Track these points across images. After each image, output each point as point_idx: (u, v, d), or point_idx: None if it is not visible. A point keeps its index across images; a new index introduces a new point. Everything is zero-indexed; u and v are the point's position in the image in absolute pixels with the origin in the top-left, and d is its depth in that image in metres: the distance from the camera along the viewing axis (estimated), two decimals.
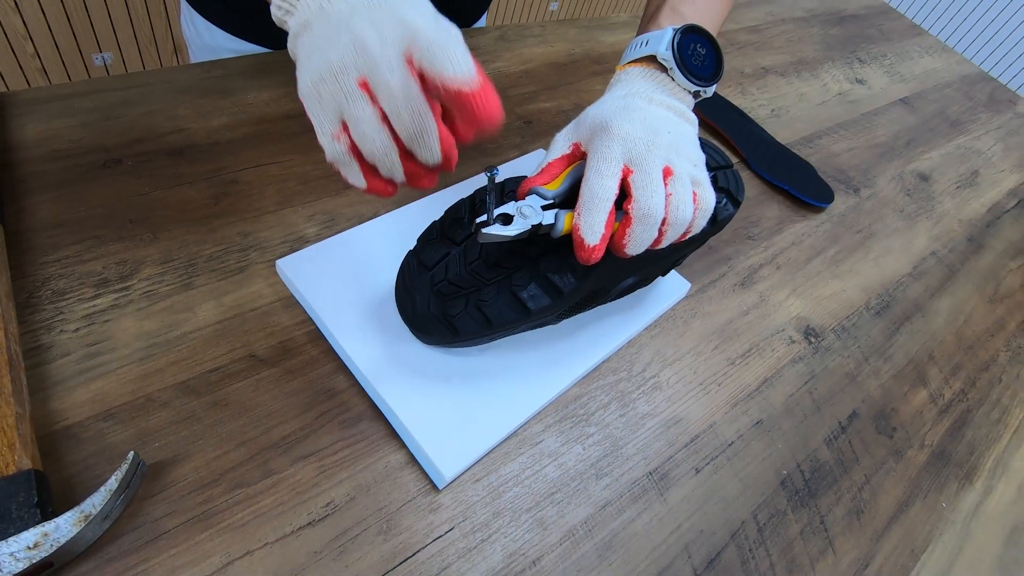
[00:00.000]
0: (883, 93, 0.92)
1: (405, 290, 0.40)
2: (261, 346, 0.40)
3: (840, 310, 0.57)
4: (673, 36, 0.39)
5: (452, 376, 0.40)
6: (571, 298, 0.39)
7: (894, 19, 1.16)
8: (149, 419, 0.35)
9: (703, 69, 0.40)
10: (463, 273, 0.39)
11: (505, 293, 0.38)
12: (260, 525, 0.33)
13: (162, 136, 0.50)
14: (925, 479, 0.47)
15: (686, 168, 0.36)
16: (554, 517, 0.38)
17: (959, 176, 0.81)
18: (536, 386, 0.42)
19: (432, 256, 0.40)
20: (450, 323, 0.38)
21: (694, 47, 0.39)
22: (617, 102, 0.37)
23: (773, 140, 0.73)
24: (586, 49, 0.79)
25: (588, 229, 0.33)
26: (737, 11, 1.00)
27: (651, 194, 0.34)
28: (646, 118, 0.36)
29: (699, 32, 0.40)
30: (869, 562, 0.42)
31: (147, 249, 0.43)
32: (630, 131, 0.35)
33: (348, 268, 0.44)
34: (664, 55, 0.39)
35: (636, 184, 0.34)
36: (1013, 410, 0.55)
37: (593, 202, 0.33)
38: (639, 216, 0.34)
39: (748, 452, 0.45)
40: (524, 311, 0.38)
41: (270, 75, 0.59)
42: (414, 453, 0.38)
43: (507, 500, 0.38)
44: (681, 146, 0.36)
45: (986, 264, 0.69)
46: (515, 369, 0.42)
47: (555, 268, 0.37)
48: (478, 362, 0.42)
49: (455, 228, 0.41)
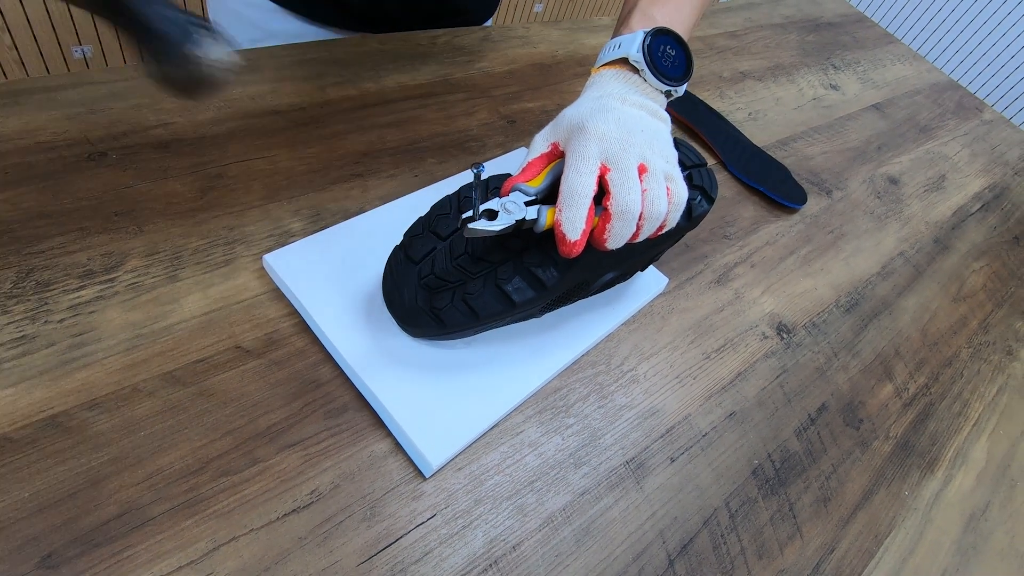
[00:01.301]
0: (856, 99, 0.95)
1: (393, 283, 0.41)
2: (247, 338, 0.41)
3: (811, 307, 0.59)
4: (644, 39, 0.40)
5: (438, 367, 0.41)
6: (554, 291, 0.40)
7: (868, 27, 1.19)
8: (135, 408, 0.36)
9: (673, 69, 0.41)
10: (449, 267, 0.40)
11: (490, 286, 0.39)
12: (246, 512, 0.34)
13: (148, 129, 0.50)
14: (889, 468, 0.50)
15: (660, 164, 0.37)
16: (534, 504, 0.39)
17: (927, 180, 0.84)
18: (520, 377, 0.43)
19: (419, 250, 0.41)
20: (437, 316, 0.39)
21: (664, 48, 0.41)
22: (592, 103, 0.38)
23: (749, 143, 0.75)
24: (569, 51, 0.80)
25: (569, 225, 0.34)
26: (717, 16, 1.02)
27: (628, 191, 0.35)
28: (620, 118, 0.37)
29: (669, 34, 0.41)
30: (835, 547, 0.44)
31: (133, 241, 0.43)
32: (605, 131, 0.36)
33: (334, 263, 0.45)
34: (635, 57, 0.40)
35: (614, 181, 0.35)
36: (973, 403, 0.58)
37: (573, 198, 0.34)
38: (618, 212, 0.35)
39: (722, 442, 0.46)
40: (509, 303, 0.39)
41: (257, 70, 0.59)
42: (401, 442, 0.39)
43: (488, 488, 0.39)
44: (654, 143, 0.38)
45: (951, 265, 0.72)
46: (500, 360, 0.43)
47: (538, 262, 0.39)
48: (464, 354, 0.43)
49: (441, 223, 0.42)
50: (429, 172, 0.56)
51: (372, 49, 0.67)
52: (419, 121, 0.61)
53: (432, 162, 0.57)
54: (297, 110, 0.57)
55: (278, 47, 0.63)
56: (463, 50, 0.72)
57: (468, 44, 0.74)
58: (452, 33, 0.74)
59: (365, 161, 0.55)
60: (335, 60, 0.64)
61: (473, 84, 0.68)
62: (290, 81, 0.59)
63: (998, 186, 0.89)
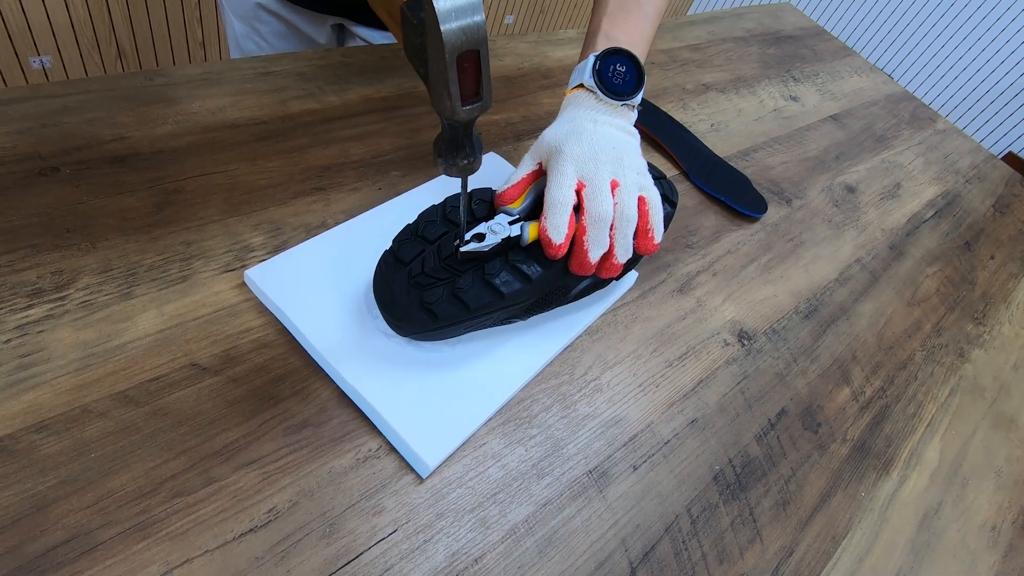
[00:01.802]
0: (815, 110, 0.98)
1: (384, 283, 0.43)
2: (204, 355, 0.40)
3: (772, 314, 0.61)
4: (593, 63, 0.45)
5: (428, 369, 0.43)
6: (538, 285, 0.43)
7: (826, 40, 1.23)
8: (85, 430, 0.35)
9: (624, 85, 0.45)
10: (439, 266, 0.42)
11: (479, 281, 0.42)
12: (200, 533, 0.33)
13: (103, 144, 0.50)
14: (846, 471, 0.51)
15: (631, 178, 0.43)
16: (496, 516, 0.39)
17: (883, 188, 0.87)
18: (511, 370, 0.45)
19: (408, 253, 0.43)
20: (429, 309, 0.41)
21: (614, 68, 0.45)
22: (567, 125, 0.44)
23: (711, 153, 0.77)
24: (535, 63, 0.81)
25: (554, 230, 0.40)
26: (680, 30, 1.04)
27: (600, 203, 0.41)
28: (592, 139, 0.42)
29: (619, 53, 0.46)
30: (794, 549, 0.44)
31: (85, 258, 0.42)
32: (579, 152, 0.42)
33: (317, 274, 0.46)
34: (588, 83, 0.45)
35: (588, 196, 0.41)
36: (927, 405, 0.60)
37: (555, 207, 0.40)
38: (591, 221, 0.41)
39: (683, 449, 0.47)
40: (498, 295, 0.41)
41: (216, 84, 0.59)
42: (395, 445, 0.40)
43: (450, 501, 0.39)
44: (624, 159, 0.43)
45: (905, 270, 0.74)
46: (490, 356, 0.46)
47: (523, 259, 0.42)
48: (453, 354, 0.45)
49: (430, 228, 0.44)
50: (393, 185, 0.56)
51: (335, 62, 0.67)
52: (383, 134, 0.61)
53: (396, 175, 0.57)
54: (258, 124, 0.56)
55: (240, 60, 0.63)
56: None
57: None
58: None
59: (327, 175, 0.55)
60: (298, 73, 0.64)
61: None
62: (251, 94, 0.59)
63: (950, 193, 0.92)
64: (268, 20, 0.76)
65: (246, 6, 0.75)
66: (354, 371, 0.41)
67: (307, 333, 0.42)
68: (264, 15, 0.76)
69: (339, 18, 0.78)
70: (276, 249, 0.47)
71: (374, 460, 0.39)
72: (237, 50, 0.82)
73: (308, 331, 0.42)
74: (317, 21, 0.78)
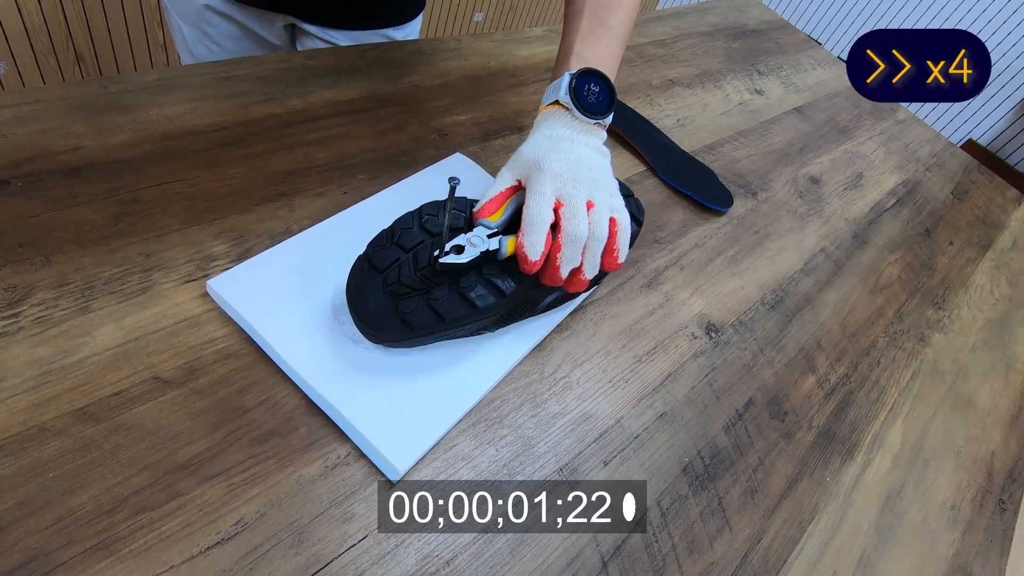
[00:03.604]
0: (779, 103, 1.00)
1: (358, 290, 0.43)
2: (166, 367, 0.40)
3: (738, 306, 0.62)
4: (569, 82, 0.46)
5: (397, 375, 0.43)
6: (511, 299, 0.44)
7: (790, 33, 1.25)
8: (42, 449, 0.34)
9: (597, 104, 0.47)
10: (414, 277, 0.42)
11: (455, 294, 0.42)
12: (165, 548, 0.33)
13: (56, 155, 0.48)
14: (812, 457, 0.52)
15: (605, 200, 0.44)
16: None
17: (846, 178, 0.89)
18: (479, 375, 0.46)
19: (384, 260, 0.43)
20: (404, 319, 0.41)
21: (588, 87, 0.47)
22: (545, 142, 0.45)
23: (678, 148, 0.78)
24: (501, 62, 0.81)
25: (531, 247, 0.41)
26: (646, 26, 1.05)
27: (577, 224, 0.42)
28: (570, 158, 0.44)
29: (592, 73, 0.47)
30: (762, 536, 0.45)
31: (39, 273, 0.41)
32: (559, 170, 0.43)
33: (282, 282, 0.45)
34: (563, 99, 0.46)
35: (565, 216, 0.42)
36: (889, 390, 0.61)
37: (533, 226, 0.42)
38: (566, 240, 0.42)
39: (653, 443, 0.48)
40: (473, 308, 0.42)
41: (174, 90, 0.58)
42: (366, 452, 0.40)
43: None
44: (599, 180, 0.45)
45: (868, 258, 0.76)
46: (458, 362, 0.46)
47: (497, 273, 0.43)
48: (421, 360, 0.45)
49: (406, 236, 0.44)
50: (359, 188, 0.56)
51: (298, 65, 0.66)
52: (348, 137, 0.60)
53: (362, 178, 0.57)
54: (218, 130, 0.56)
55: (199, 65, 0.62)
56: (393, 64, 0.72)
57: (398, 58, 0.74)
58: (381, 48, 0.74)
59: (291, 180, 0.54)
60: (259, 77, 0.63)
61: (403, 98, 0.68)
62: (211, 100, 0.58)
63: (911, 182, 0.95)
64: (217, 22, 0.75)
65: (193, 8, 0.74)
66: (322, 378, 0.41)
67: (273, 342, 0.41)
68: (213, 16, 0.74)
69: (290, 17, 0.77)
70: (240, 257, 0.47)
71: (343, 467, 0.39)
72: (189, 56, 0.80)
73: (274, 340, 0.42)
74: (267, 20, 0.76)
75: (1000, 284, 0.83)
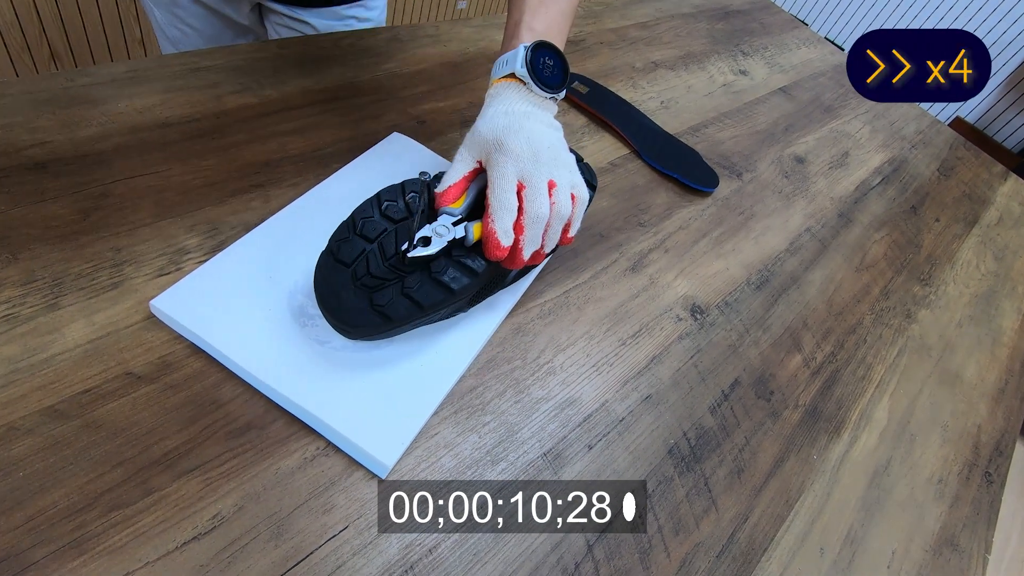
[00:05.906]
0: (764, 83, 0.99)
1: (328, 288, 0.41)
2: (138, 363, 0.39)
3: (724, 287, 0.62)
4: (525, 54, 0.45)
5: (369, 370, 0.42)
6: (483, 277, 0.44)
7: (774, 13, 1.24)
8: (12, 448, 0.34)
9: (553, 79, 0.46)
10: (384, 268, 0.41)
11: (428, 279, 0.42)
12: (140, 545, 0.32)
13: (21, 150, 0.47)
14: (799, 436, 0.52)
15: (566, 178, 0.44)
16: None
17: (831, 157, 0.88)
18: (451, 359, 0.45)
19: (350, 253, 0.42)
20: (381, 312, 0.40)
21: (544, 60, 0.46)
22: (502, 119, 0.44)
23: (662, 131, 0.77)
24: (480, 47, 0.80)
25: (503, 234, 0.41)
26: (628, 8, 1.04)
27: (540, 206, 0.42)
28: (530, 137, 0.43)
29: (546, 47, 0.46)
30: (748, 515, 0.45)
31: (6, 271, 0.40)
32: (519, 151, 0.42)
33: (231, 290, 0.43)
34: (520, 72, 0.45)
35: (528, 198, 0.42)
36: (876, 367, 0.61)
37: (502, 211, 0.41)
38: (529, 222, 0.42)
39: (638, 426, 0.47)
40: (449, 292, 0.42)
41: (144, 82, 0.56)
42: (350, 453, 0.39)
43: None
44: (558, 157, 0.44)
45: (854, 237, 0.76)
46: (427, 348, 0.45)
47: (465, 254, 0.43)
48: (391, 352, 0.44)
49: (368, 226, 0.43)
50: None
51: (272, 55, 0.65)
52: (323, 127, 0.59)
53: (337, 167, 0.56)
54: (190, 121, 0.55)
55: (170, 56, 0.60)
56: (369, 52, 0.71)
57: (374, 46, 0.73)
58: (357, 35, 0.73)
59: (266, 171, 0.53)
60: (233, 67, 0.62)
61: (380, 86, 0.67)
62: (182, 92, 0.57)
63: (897, 160, 0.95)
64: (186, 4, 0.74)
65: None
66: (293, 385, 0.39)
67: (236, 357, 0.39)
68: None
69: None
70: (214, 250, 0.46)
71: (322, 458, 0.39)
72: (165, 40, 0.80)
73: (236, 354, 0.39)
74: (234, 1, 0.75)
75: (986, 259, 0.83)
